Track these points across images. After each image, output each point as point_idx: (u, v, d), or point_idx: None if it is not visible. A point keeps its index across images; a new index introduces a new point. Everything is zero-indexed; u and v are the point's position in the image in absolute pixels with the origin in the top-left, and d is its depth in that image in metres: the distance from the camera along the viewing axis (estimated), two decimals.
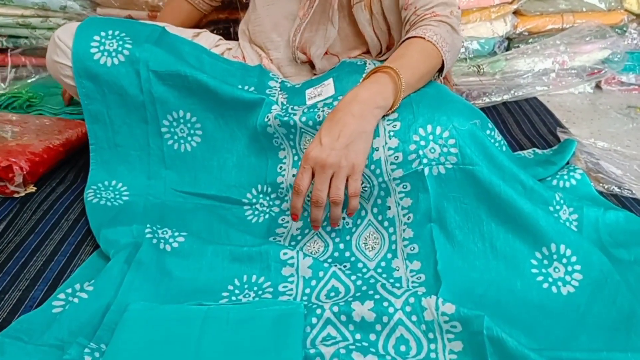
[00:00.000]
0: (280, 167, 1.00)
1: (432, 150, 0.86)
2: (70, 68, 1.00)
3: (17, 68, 1.67)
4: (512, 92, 1.59)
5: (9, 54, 1.63)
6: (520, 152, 1.23)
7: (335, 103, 0.93)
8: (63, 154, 1.21)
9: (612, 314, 0.77)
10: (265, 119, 0.97)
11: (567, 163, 1.12)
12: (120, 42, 0.99)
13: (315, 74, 1.10)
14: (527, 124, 1.43)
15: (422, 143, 0.86)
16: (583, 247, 0.83)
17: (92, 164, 1.07)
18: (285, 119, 0.95)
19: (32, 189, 1.12)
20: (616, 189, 1.09)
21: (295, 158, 0.98)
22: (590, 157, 1.17)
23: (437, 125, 0.86)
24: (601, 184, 1.10)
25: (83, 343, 0.73)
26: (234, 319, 0.77)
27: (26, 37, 1.64)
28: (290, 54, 1.09)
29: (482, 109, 1.48)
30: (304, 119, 0.94)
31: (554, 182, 1.05)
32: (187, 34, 1.13)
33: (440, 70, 0.96)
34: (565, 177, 1.06)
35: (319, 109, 0.94)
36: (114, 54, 0.97)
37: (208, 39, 1.17)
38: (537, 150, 1.24)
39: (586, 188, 1.05)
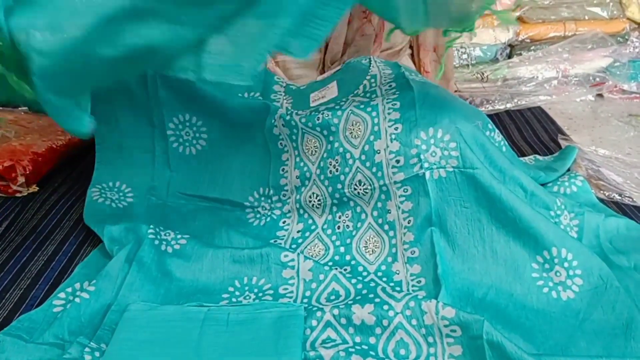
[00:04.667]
0: (283, 169, 1.00)
1: (433, 154, 0.86)
2: None
3: None
4: (516, 100, 1.59)
5: None
6: (521, 159, 1.23)
7: (337, 106, 0.94)
8: (66, 154, 1.22)
9: (611, 321, 0.77)
10: (273, 121, 0.98)
11: (568, 170, 1.12)
12: None
13: (321, 73, 1.11)
14: (528, 131, 1.43)
15: (424, 147, 0.86)
16: (583, 252, 0.83)
17: (97, 163, 1.07)
18: (288, 118, 0.96)
19: (34, 189, 1.13)
20: (617, 197, 1.09)
21: (297, 159, 0.99)
22: (591, 165, 1.17)
23: (439, 128, 0.86)
24: (602, 191, 1.10)
25: (83, 342, 0.73)
26: (234, 320, 0.77)
27: None
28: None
29: None
30: (304, 120, 0.95)
31: (555, 188, 1.05)
32: None
33: None
34: (566, 183, 1.06)
35: (320, 112, 0.94)
36: None
37: None
38: (538, 157, 1.24)
39: (587, 195, 1.05)
